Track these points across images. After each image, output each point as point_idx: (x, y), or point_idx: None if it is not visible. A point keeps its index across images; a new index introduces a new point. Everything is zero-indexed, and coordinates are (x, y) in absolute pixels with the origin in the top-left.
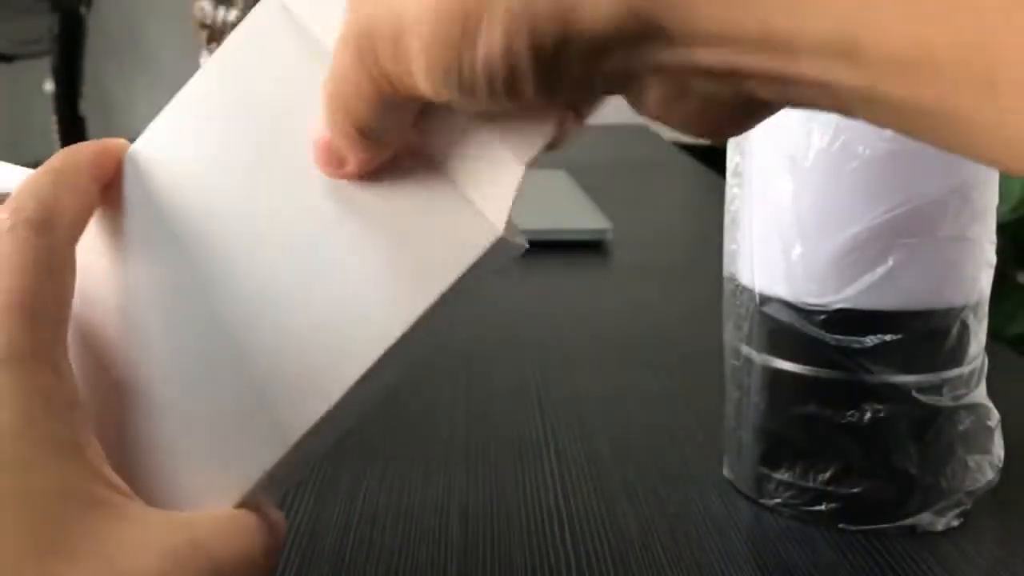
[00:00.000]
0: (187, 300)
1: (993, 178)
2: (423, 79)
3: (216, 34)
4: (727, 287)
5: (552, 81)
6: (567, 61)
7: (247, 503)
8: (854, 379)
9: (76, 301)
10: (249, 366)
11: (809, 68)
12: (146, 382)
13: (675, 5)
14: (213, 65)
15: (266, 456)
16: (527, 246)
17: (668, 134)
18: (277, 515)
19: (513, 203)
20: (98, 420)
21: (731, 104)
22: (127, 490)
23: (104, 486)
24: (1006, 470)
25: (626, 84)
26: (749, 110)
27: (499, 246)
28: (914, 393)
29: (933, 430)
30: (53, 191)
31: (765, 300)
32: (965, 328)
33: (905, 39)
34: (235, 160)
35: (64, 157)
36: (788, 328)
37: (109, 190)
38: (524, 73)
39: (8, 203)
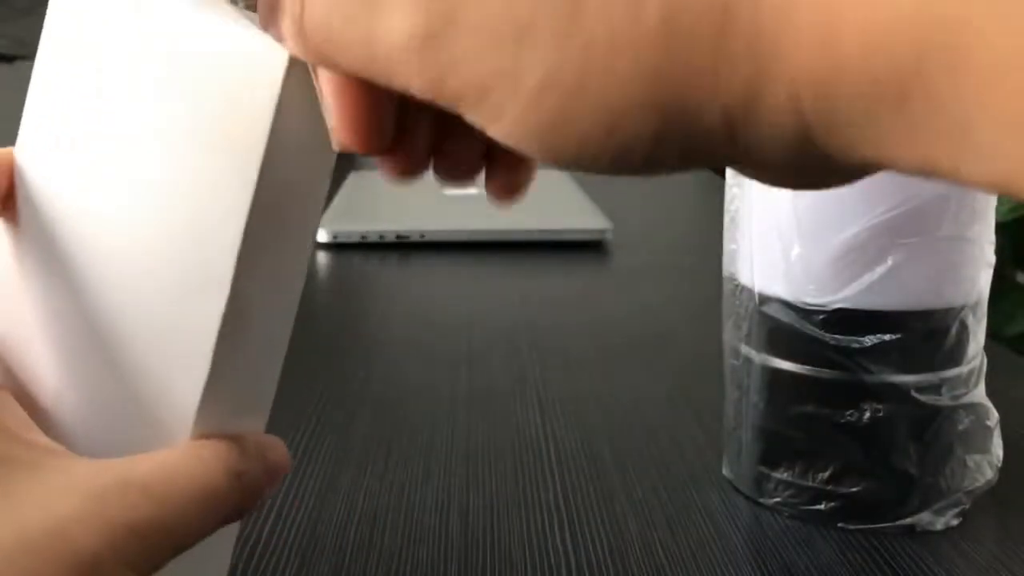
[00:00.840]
0: (66, 277)
1: None
2: (502, 133)
3: None
4: (727, 287)
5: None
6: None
7: (207, 435)
8: (853, 379)
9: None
10: (135, 317)
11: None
12: (67, 373)
13: (839, 142)
14: (42, 48)
15: (192, 386)
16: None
17: None
18: (259, 437)
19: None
20: (42, 409)
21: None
22: (58, 449)
23: (23, 447)
24: (1005, 470)
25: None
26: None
27: (300, 68)
28: (913, 393)
29: (932, 430)
30: None
31: (764, 300)
32: (964, 328)
33: None
34: (66, 138)
35: None
36: (787, 328)
37: (9, 197)
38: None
39: None
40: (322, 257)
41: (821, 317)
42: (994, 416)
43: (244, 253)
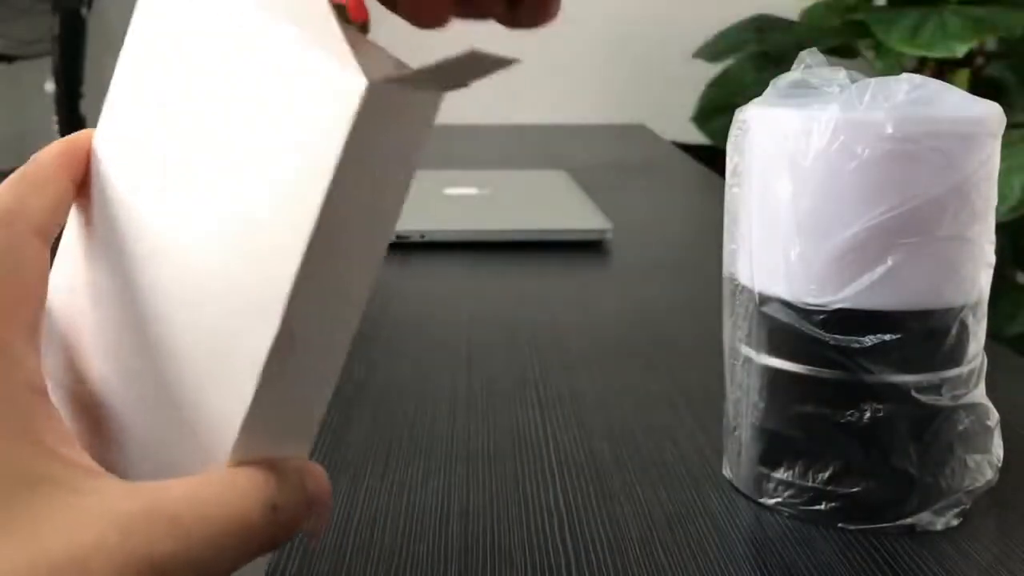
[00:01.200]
0: (124, 271)
1: (993, 178)
2: None
3: None
4: (727, 287)
5: None
6: None
7: (248, 461)
8: (853, 379)
9: (64, 295)
10: (190, 333)
11: None
12: (116, 372)
13: None
14: (129, 37)
15: (235, 408)
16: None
17: (668, 134)
18: (300, 463)
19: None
20: (89, 412)
21: None
22: (94, 468)
23: (60, 465)
24: (1005, 470)
25: None
26: None
27: (378, 96)
28: (913, 393)
29: (932, 430)
30: (13, 189)
31: (764, 300)
32: (964, 328)
33: None
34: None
35: (33, 158)
36: (787, 328)
37: (85, 184)
38: None
39: None
40: None
41: (821, 317)
42: (994, 416)
43: (300, 282)
